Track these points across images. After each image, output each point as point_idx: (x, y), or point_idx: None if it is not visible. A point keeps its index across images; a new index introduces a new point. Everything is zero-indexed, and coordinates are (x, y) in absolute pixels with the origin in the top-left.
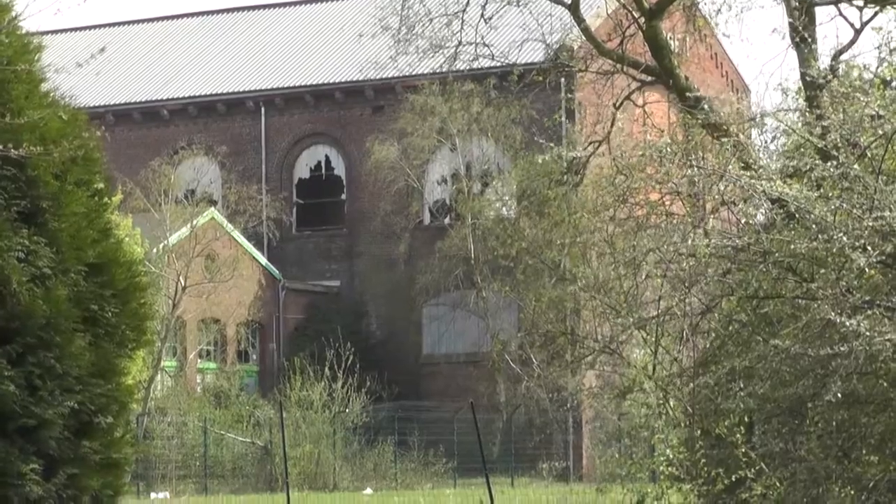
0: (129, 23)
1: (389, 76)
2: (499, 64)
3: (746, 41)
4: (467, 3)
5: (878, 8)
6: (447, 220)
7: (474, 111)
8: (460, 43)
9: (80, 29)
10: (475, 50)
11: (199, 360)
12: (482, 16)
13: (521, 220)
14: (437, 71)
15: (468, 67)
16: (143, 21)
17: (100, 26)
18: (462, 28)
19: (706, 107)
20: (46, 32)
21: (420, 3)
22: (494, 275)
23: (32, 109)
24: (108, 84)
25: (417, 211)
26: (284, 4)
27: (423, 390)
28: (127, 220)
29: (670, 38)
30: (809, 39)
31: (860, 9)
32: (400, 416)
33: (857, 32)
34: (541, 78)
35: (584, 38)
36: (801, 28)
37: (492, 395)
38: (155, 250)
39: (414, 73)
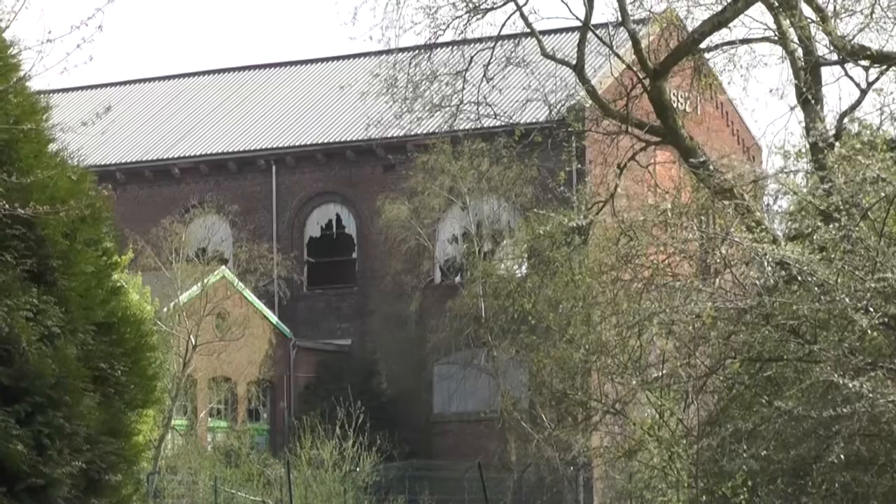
0: (140, 81)
1: (400, 135)
2: (503, 123)
3: (752, 99)
4: (469, 63)
5: (883, 68)
6: (458, 279)
7: (484, 170)
8: (462, 102)
9: (91, 87)
10: (477, 109)
11: (209, 419)
12: (484, 75)
13: (530, 279)
14: (447, 130)
15: (473, 126)
16: (153, 79)
17: (110, 85)
18: (464, 87)
19: (711, 167)
20: (55, 91)
21: (427, 61)
22: (505, 334)
23: (41, 169)
24: (120, 142)
25: (428, 270)
26: (295, 63)
27: (434, 449)
28: (137, 279)
29: (679, 97)
30: (814, 100)
31: (866, 69)
32: (410, 475)
33: (863, 93)
34: (539, 139)
35: (589, 98)
36: (804, 89)
37: (502, 454)
38: (165, 309)
39: (424, 132)
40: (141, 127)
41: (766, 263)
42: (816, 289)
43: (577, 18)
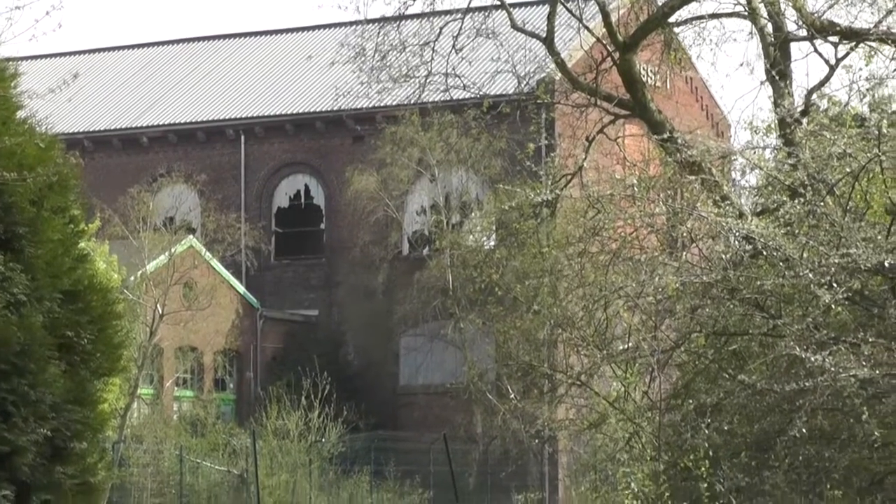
0: (108, 49)
1: (369, 106)
2: (472, 95)
3: (721, 74)
4: (439, 34)
5: (852, 44)
6: (426, 251)
7: (452, 142)
8: (430, 73)
9: (60, 55)
10: (446, 80)
11: (175, 388)
12: (453, 46)
13: (498, 251)
14: (417, 101)
15: (442, 98)
16: (122, 48)
17: (79, 53)
18: (433, 58)
19: (679, 141)
20: (24, 59)
21: (396, 31)
22: (472, 306)
23: (9, 136)
24: (88, 111)
25: (396, 241)
26: (265, 33)
27: (400, 421)
28: (104, 247)
29: (649, 71)
30: (783, 76)
31: (835, 45)
32: (376, 447)
33: (832, 69)
34: (508, 111)
35: (559, 71)
36: (770, 65)
37: (468, 426)
38: (132, 278)
39: (394, 103)
40: (109, 95)
41: (731, 238)
42: (781, 264)
43: None
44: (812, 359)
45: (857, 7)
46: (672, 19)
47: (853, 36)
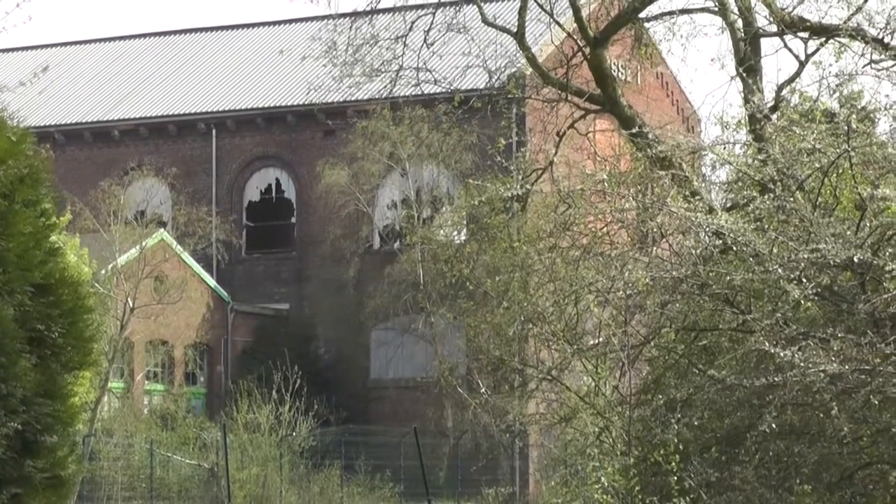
0: (80, 43)
1: (340, 100)
2: (443, 89)
3: (691, 69)
4: (410, 29)
5: (822, 40)
6: (397, 245)
7: (424, 136)
8: (402, 67)
9: (31, 48)
10: (417, 75)
11: (146, 382)
12: (425, 41)
13: (469, 245)
14: (387, 95)
15: (413, 92)
16: (94, 41)
17: (51, 46)
18: (405, 52)
19: (650, 136)
20: None
21: (368, 24)
22: (443, 300)
23: None
24: (59, 104)
25: (367, 235)
26: (237, 27)
27: (371, 414)
28: (75, 241)
29: (620, 66)
30: (753, 71)
31: (805, 41)
32: (347, 440)
33: (802, 65)
34: (479, 105)
35: (529, 66)
36: (741, 61)
37: (439, 420)
38: (103, 271)
39: (365, 97)
40: (81, 89)
41: (702, 233)
42: (751, 259)
43: None
44: (782, 354)
45: (827, 3)
46: (643, 14)
47: (823, 32)
